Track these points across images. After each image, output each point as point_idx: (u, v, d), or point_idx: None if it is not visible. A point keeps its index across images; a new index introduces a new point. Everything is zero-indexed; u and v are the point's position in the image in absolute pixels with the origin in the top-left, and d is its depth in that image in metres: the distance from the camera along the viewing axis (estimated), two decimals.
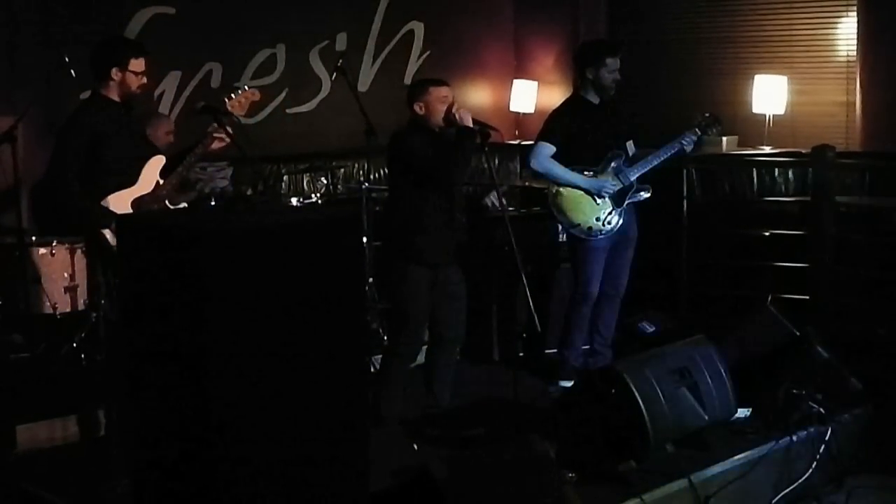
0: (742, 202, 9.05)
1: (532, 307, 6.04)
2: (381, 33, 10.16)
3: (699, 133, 7.35)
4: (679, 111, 9.04)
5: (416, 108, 6.49)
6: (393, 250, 6.59)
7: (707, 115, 7.46)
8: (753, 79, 9.32)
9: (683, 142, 7.27)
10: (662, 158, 7.32)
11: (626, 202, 7.32)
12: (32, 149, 7.39)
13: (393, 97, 7.73)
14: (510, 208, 8.11)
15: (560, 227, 7.60)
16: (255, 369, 4.06)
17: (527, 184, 9.71)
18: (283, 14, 9.47)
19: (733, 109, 9.34)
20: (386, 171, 7.54)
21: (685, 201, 8.76)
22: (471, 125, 6.37)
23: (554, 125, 7.31)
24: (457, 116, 6.38)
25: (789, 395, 6.49)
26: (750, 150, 9.27)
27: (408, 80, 10.02)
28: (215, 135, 6.17)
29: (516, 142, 10.68)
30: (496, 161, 10.24)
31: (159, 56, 8.45)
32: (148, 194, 6.10)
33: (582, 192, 7.24)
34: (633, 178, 7.30)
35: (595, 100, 7.29)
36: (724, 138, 9.18)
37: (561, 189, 7.27)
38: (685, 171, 8.77)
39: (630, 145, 7.43)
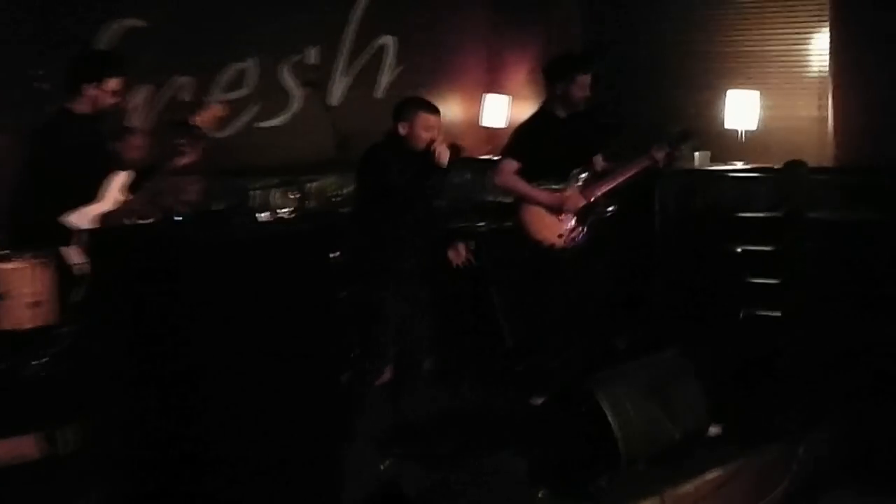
0: (715, 217, 9.05)
1: (502, 322, 6.00)
2: (353, 47, 10.13)
3: (669, 148, 7.34)
4: (651, 126, 9.04)
5: (400, 127, 6.42)
6: (360, 266, 6.55)
7: (679, 129, 7.47)
8: (726, 94, 9.33)
9: (652, 157, 7.27)
10: (629, 175, 7.30)
11: (591, 218, 7.29)
12: (4, 163, 7.32)
13: (364, 111, 7.69)
14: (481, 223, 8.07)
15: (527, 242, 7.55)
16: (225, 380, 4.05)
17: (498, 199, 9.69)
18: (254, 28, 9.41)
19: (706, 124, 9.33)
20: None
21: (658, 216, 8.77)
22: (444, 166, 6.32)
23: (519, 141, 7.30)
24: (435, 153, 6.31)
25: (762, 410, 6.50)
26: (722, 165, 9.28)
27: (379, 94, 9.99)
28: (182, 149, 6.12)
29: (488, 157, 10.66)
30: (468, 176, 10.23)
31: (130, 69, 8.41)
32: (117, 210, 6.01)
33: (545, 209, 7.22)
34: (598, 195, 7.28)
35: (562, 114, 7.28)
36: (697, 153, 9.19)
37: (525, 205, 7.25)
38: (658, 186, 8.78)
39: (598, 160, 7.41)
